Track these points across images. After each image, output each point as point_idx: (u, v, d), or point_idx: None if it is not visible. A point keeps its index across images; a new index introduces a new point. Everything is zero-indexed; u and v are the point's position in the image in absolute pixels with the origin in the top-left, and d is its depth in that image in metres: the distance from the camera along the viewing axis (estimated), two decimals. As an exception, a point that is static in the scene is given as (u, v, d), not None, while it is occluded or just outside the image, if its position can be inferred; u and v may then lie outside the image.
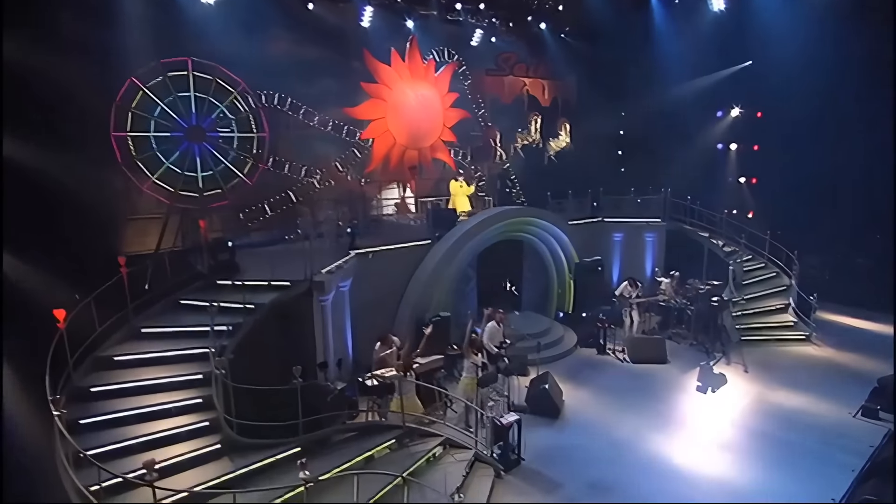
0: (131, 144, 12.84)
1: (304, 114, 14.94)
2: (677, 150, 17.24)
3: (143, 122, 12.88)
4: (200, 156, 13.66)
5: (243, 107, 13.99)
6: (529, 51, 18.93)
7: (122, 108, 12.40)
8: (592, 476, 8.00)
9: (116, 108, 12.30)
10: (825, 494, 7.26)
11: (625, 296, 12.99)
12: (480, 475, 7.80)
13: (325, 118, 15.23)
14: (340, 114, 15.12)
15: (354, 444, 7.56)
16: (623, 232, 15.65)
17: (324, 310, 9.48)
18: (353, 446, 7.47)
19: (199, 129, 13.63)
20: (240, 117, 14.02)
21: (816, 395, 10.27)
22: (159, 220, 12.32)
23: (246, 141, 14.23)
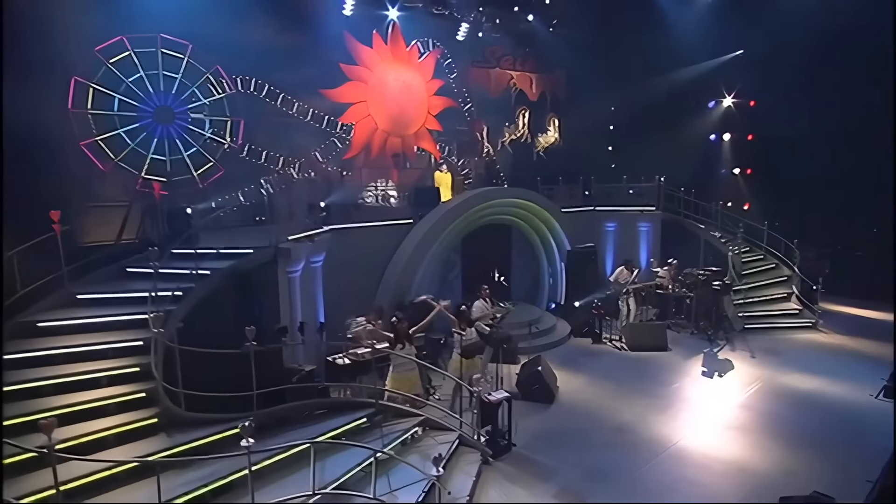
0: (92, 123, 12.06)
1: (281, 101, 14.24)
2: (669, 142, 16.68)
3: (106, 99, 12.12)
4: (169, 138, 12.89)
5: (217, 89, 13.28)
6: (517, 44, 18.50)
7: (81, 84, 11.65)
8: (592, 461, 7.06)
9: (76, 83, 11.56)
10: (857, 475, 6.37)
11: (620, 281, 12.19)
12: (466, 460, 6.81)
13: (304, 107, 14.54)
14: (321, 103, 14.45)
15: (320, 422, 6.55)
16: (616, 221, 14.93)
17: (291, 283, 8.55)
18: (318, 425, 6.47)
19: (168, 109, 12.83)
20: (213, 100, 13.30)
21: (831, 378, 9.45)
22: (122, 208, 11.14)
23: (219, 125, 13.49)
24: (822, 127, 14.72)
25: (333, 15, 14.21)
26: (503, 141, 18.46)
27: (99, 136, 12.00)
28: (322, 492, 5.13)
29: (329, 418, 6.62)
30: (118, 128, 12.22)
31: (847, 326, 12.28)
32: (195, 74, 12.90)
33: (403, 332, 7.40)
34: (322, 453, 6.10)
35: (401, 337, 7.37)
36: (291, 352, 8.27)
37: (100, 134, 11.97)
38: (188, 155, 12.97)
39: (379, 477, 5.95)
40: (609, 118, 19.05)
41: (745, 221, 14.39)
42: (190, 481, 5.10)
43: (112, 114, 12.13)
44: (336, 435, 6.37)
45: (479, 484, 6.51)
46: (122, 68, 12.14)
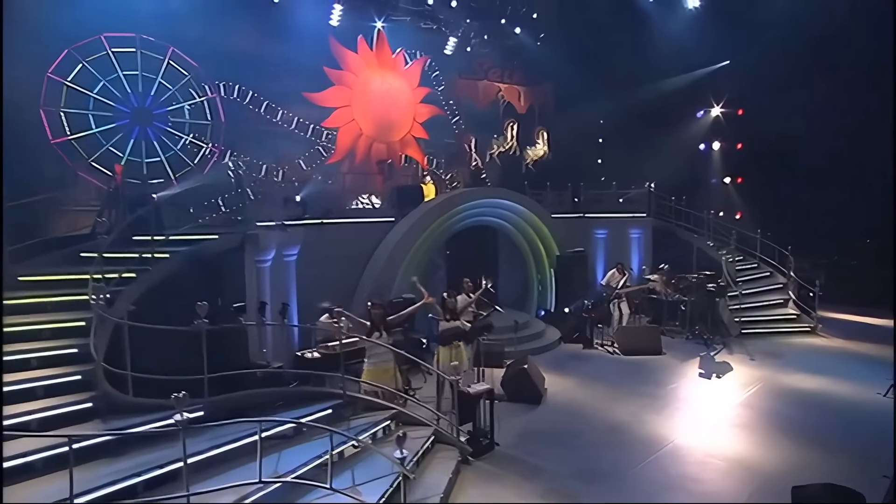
0: (65, 121, 11.68)
1: (265, 109, 14.00)
2: (659, 152, 16.48)
3: (81, 98, 11.78)
4: (146, 140, 12.52)
5: (198, 93, 13.01)
6: (505, 57, 18.49)
7: (55, 81, 11.32)
8: (583, 460, 6.42)
9: (48, 80, 11.23)
10: (871, 471, 5.77)
11: (612, 285, 11.70)
12: (443, 457, 6.16)
13: (289, 115, 14.30)
14: (307, 111, 14.23)
15: (279, 412, 5.91)
16: (607, 228, 14.53)
17: (260, 274, 8.00)
18: (277, 415, 5.82)
19: (146, 111, 12.52)
20: (193, 103, 13.00)
21: (834, 378, 8.91)
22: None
23: (199, 129, 13.16)
24: (812, 134, 14.59)
25: (320, 24, 14.10)
26: (491, 153, 18.22)
27: (72, 136, 11.69)
28: (270, 480, 4.48)
29: (290, 409, 5.97)
30: (93, 128, 11.90)
31: (846, 331, 11.82)
32: (176, 77, 12.68)
33: (379, 319, 6.82)
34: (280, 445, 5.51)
35: (377, 325, 6.79)
36: (258, 346, 7.68)
37: (73, 133, 11.64)
38: (166, 157, 12.64)
39: (342, 471, 5.34)
40: (598, 130, 18.91)
41: (737, 230, 14.08)
42: (119, 471, 4.45)
43: (87, 112, 11.83)
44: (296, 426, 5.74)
45: (457, 483, 5.85)
46: (100, 68, 11.89)
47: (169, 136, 12.76)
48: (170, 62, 12.49)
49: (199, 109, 13.13)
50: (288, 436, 5.64)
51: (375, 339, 6.66)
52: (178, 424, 3.98)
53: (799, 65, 14.24)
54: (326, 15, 14.28)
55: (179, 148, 12.87)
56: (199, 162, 12.91)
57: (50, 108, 11.28)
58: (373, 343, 6.64)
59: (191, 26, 12.06)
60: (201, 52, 12.47)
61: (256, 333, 7.78)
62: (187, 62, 12.66)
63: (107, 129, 11.89)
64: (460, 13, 16.54)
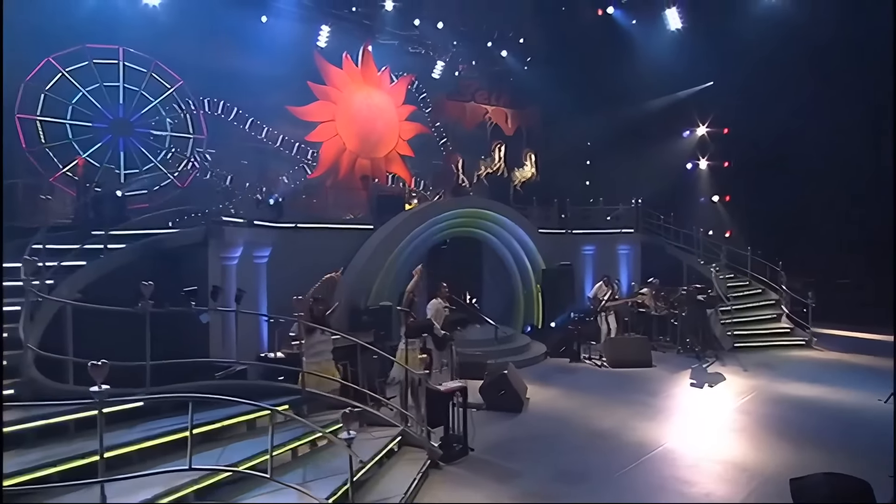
0: (40, 130, 11.48)
1: (250, 126, 13.92)
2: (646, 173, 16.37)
3: (59, 107, 11.62)
4: (125, 151, 12.32)
5: (180, 106, 12.92)
6: (492, 80, 18.65)
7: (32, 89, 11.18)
8: (565, 464, 5.89)
9: (26, 88, 11.10)
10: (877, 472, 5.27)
11: (599, 297, 11.29)
12: (409, 460, 5.62)
13: (274, 133, 14.21)
14: (292, 130, 14.13)
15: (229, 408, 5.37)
16: (594, 244, 14.25)
17: (225, 272, 7.60)
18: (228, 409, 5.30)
19: (127, 122, 12.38)
20: (175, 117, 12.89)
21: (832, 386, 8.46)
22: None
23: (180, 143, 13.00)
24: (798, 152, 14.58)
25: (307, 45, 14.17)
26: (479, 174, 18.11)
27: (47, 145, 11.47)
28: (201, 468, 3.96)
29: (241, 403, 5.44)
30: (70, 137, 11.70)
31: (842, 344, 11.42)
32: (160, 91, 12.60)
33: (319, 315, 6.37)
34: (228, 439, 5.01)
35: (318, 321, 6.32)
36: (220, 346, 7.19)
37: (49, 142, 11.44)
38: (145, 169, 12.42)
39: (294, 469, 4.82)
40: (585, 152, 18.92)
41: (727, 247, 13.84)
42: (29, 462, 3.92)
43: (64, 122, 11.65)
44: (249, 421, 5.24)
45: (424, 486, 5.30)
46: (81, 78, 11.79)
47: (149, 148, 12.58)
48: (153, 75, 12.44)
49: (181, 123, 13.03)
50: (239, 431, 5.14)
51: (319, 336, 6.19)
52: (94, 397, 3.51)
53: (784, 82, 14.32)
54: (314, 36, 14.38)
55: (159, 160, 12.68)
56: (180, 175, 12.71)
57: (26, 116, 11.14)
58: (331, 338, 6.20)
59: (178, 42, 12.10)
60: (187, 67, 12.47)
61: (219, 333, 7.31)
62: (171, 76, 12.62)
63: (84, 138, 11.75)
64: (447, 36, 16.75)
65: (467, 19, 16.89)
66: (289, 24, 13.84)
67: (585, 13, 16.32)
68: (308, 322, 6.20)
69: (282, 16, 13.79)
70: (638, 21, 16.02)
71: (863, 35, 12.79)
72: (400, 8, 15.16)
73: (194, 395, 3.96)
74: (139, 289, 5.17)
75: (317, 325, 6.20)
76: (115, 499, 3.60)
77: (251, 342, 7.76)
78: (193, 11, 12.18)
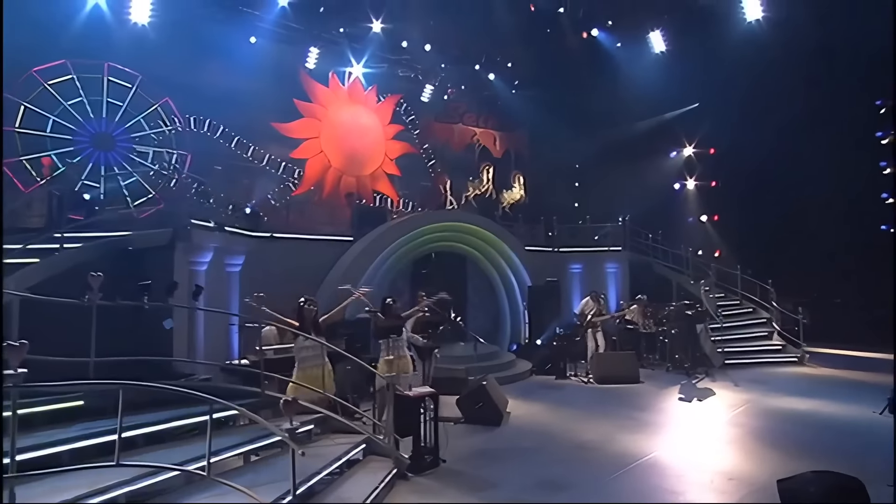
0: (18, 142, 11.33)
1: (236, 144, 13.85)
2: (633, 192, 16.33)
3: (40, 120, 11.52)
4: (106, 165, 12.16)
5: (165, 123, 12.85)
6: (480, 104, 18.78)
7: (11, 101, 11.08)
8: (544, 475, 5.49)
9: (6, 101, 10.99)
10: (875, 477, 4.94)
11: (586, 313, 10.99)
12: (373, 469, 5.23)
13: (260, 152, 14.14)
14: (278, 150, 14.07)
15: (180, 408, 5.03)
16: (582, 263, 14.06)
17: (194, 277, 7.30)
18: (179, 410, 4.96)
19: (109, 136, 12.26)
20: (158, 132, 12.80)
21: (825, 399, 8.12)
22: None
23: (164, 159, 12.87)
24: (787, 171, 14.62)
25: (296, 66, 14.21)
26: (467, 195, 18.03)
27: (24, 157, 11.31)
28: (129, 464, 3.60)
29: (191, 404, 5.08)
30: (48, 149, 11.55)
31: (835, 361, 11.12)
32: (144, 106, 12.54)
33: (311, 318, 6.07)
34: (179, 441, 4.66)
35: (307, 324, 6.03)
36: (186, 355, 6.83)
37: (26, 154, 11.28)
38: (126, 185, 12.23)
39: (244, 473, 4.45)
40: (573, 174, 18.94)
41: (717, 266, 13.67)
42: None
43: (43, 135, 11.52)
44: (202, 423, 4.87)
45: (389, 496, 4.91)
46: (64, 92, 11.73)
47: (131, 163, 12.43)
48: (138, 91, 12.40)
49: (166, 139, 12.92)
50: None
51: (304, 341, 5.87)
52: (8, 381, 3.19)
53: (768, 103, 14.42)
54: (303, 58, 14.44)
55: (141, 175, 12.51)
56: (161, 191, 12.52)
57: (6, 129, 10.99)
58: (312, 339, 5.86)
59: (166, 60, 12.11)
60: (174, 85, 12.42)
61: (185, 340, 6.97)
62: (156, 92, 12.59)
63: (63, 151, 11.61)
64: (435, 59, 16.92)
65: (455, 43, 17.11)
66: (277, 46, 13.94)
67: (571, 36, 16.55)
68: (293, 325, 5.90)
69: (270, 37, 13.89)
70: (623, 44, 16.23)
71: (847, 53, 12.97)
72: (388, 30, 15.33)
73: (123, 382, 3.61)
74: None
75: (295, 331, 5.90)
76: (37, 499, 3.27)
77: (219, 349, 7.40)
78: (182, 31, 12.23)
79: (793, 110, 14.31)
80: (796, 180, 14.69)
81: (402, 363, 6.56)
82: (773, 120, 14.59)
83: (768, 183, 15.03)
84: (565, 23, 16.13)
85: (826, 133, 14.03)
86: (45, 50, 11.21)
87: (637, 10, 15.29)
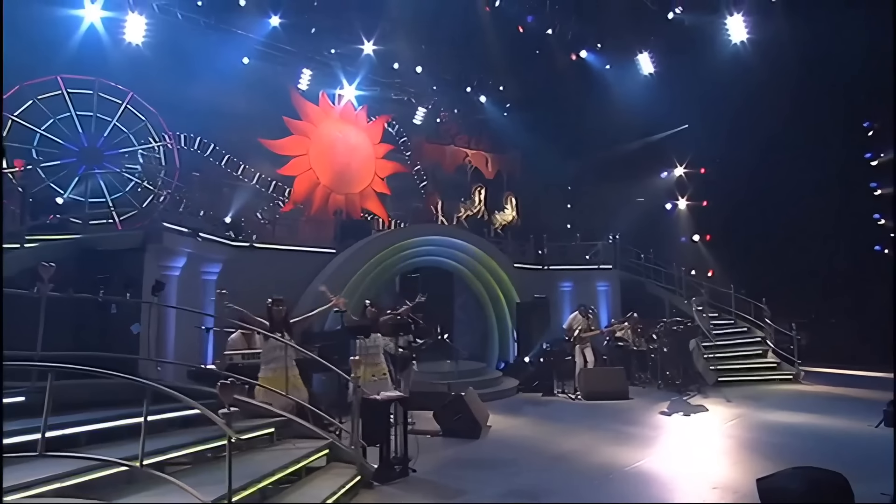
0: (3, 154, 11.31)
1: (226, 162, 13.86)
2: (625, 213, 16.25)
3: (27, 134, 11.54)
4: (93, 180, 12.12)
5: (155, 139, 12.88)
6: (471, 126, 18.90)
7: (0, 115, 11.14)
8: (516, 485, 5.19)
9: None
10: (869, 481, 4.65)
11: (574, 328, 10.71)
12: (336, 475, 4.92)
13: (251, 171, 14.14)
14: (269, 169, 14.07)
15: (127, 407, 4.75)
16: (572, 281, 13.84)
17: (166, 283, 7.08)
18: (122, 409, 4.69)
19: (97, 151, 12.26)
20: (148, 148, 12.81)
21: (821, 414, 7.82)
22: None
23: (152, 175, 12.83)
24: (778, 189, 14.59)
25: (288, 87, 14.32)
26: (459, 216, 17.95)
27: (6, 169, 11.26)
28: (55, 455, 3.35)
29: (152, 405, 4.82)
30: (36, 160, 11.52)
31: (831, 379, 10.81)
32: (133, 123, 12.57)
33: (280, 318, 5.86)
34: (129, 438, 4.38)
35: (277, 325, 5.82)
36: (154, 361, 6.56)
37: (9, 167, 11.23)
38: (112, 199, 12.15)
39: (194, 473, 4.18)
40: (566, 195, 18.93)
41: (709, 285, 13.46)
42: None
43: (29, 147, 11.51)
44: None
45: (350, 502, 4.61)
46: (53, 107, 11.78)
47: (118, 179, 12.38)
48: (128, 107, 12.45)
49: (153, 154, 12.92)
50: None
51: (273, 341, 5.66)
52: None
53: (756, 122, 14.49)
54: (295, 78, 14.58)
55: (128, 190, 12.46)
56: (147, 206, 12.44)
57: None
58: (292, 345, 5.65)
59: (159, 80, 12.20)
60: (166, 103, 12.44)
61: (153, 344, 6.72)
62: (147, 108, 12.63)
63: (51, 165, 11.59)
64: (427, 81, 17.09)
65: (447, 66, 17.33)
66: (270, 67, 14.09)
67: (561, 58, 16.76)
68: (262, 325, 5.70)
69: (263, 58, 14.06)
70: (612, 66, 16.44)
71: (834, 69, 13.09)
72: (380, 52, 15.52)
73: (51, 364, 3.39)
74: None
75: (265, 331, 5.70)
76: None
77: (192, 355, 7.15)
78: (176, 52, 12.37)
79: (781, 130, 14.38)
80: (787, 200, 14.64)
81: (374, 369, 6.32)
82: (761, 140, 14.67)
83: (759, 202, 15.00)
84: (555, 45, 16.34)
85: (815, 152, 14.06)
86: (39, 69, 11.32)
87: (624, 32, 15.52)
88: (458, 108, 18.57)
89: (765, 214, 14.89)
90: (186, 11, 12.88)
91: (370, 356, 6.25)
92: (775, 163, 14.70)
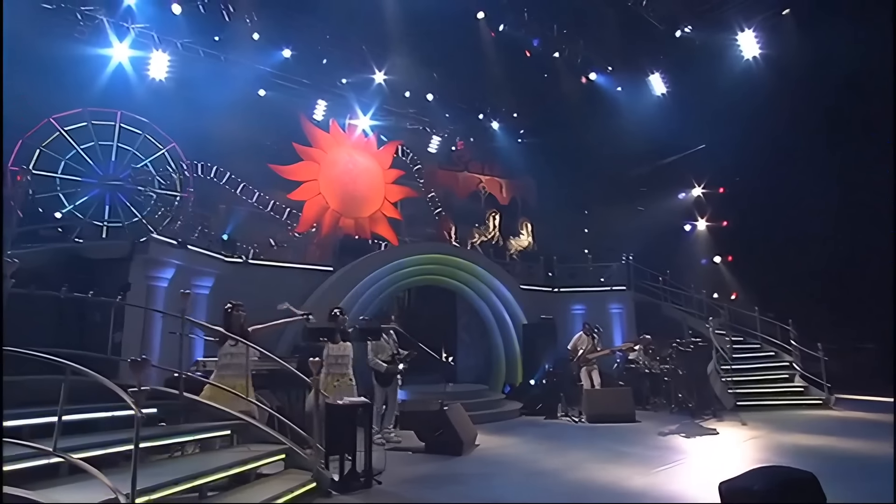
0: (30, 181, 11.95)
1: (241, 190, 14.26)
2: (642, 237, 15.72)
3: (53, 163, 12.21)
4: (111, 204, 12.64)
5: (172, 167, 13.41)
6: (485, 153, 18.94)
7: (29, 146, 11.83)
8: (481, 499, 4.83)
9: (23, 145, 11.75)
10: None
11: (579, 349, 10.23)
12: (289, 480, 4.69)
13: (265, 198, 14.50)
14: (282, 196, 14.40)
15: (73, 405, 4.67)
16: (584, 304, 13.35)
17: (152, 293, 7.17)
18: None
19: (115, 178, 12.84)
20: (164, 175, 13.33)
21: (845, 437, 7.09)
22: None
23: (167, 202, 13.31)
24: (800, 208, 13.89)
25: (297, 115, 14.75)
26: (473, 242, 17.80)
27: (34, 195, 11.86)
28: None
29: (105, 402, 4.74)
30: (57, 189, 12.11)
31: (865, 406, 9.82)
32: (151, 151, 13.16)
33: (238, 324, 5.73)
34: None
35: (235, 330, 5.67)
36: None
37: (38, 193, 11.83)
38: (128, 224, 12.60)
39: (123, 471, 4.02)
40: (582, 220, 18.55)
41: (731, 308, 12.74)
42: None
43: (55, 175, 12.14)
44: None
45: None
46: (78, 137, 12.48)
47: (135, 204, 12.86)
48: (147, 136, 13.04)
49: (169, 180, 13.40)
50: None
51: (230, 346, 5.53)
52: None
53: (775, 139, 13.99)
54: (310, 109, 15.01)
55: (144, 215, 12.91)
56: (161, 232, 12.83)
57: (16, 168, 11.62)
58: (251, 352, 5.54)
59: (180, 112, 12.77)
60: (185, 134, 12.94)
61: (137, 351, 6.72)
62: (165, 138, 13.20)
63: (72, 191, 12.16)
64: (439, 109, 17.32)
65: (458, 93, 17.56)
66: (286, 98, 14.57)
67: (572, 82, 16.73)
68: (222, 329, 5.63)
69: (278, 89, 14.58)
70: (623, 87, 16.29)
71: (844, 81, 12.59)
72: (391, 82, 15.86)
73: None
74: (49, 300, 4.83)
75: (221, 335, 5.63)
76: None
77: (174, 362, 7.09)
78: (197, 86, 12.98)
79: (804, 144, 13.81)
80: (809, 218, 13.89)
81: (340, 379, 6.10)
82: (779, 156, 14.10)
83: (781, 221, 14.26)
84: (564, 69, 16.37)
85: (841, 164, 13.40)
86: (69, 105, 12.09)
87: (633, 52, 15.43)
88: (472, 136, 18.70)
89: (787, 231, 14.12)
90: (207, 48, 13.55)
91: (338, 365, 6.05)
92: (794, 179, 14.05)
